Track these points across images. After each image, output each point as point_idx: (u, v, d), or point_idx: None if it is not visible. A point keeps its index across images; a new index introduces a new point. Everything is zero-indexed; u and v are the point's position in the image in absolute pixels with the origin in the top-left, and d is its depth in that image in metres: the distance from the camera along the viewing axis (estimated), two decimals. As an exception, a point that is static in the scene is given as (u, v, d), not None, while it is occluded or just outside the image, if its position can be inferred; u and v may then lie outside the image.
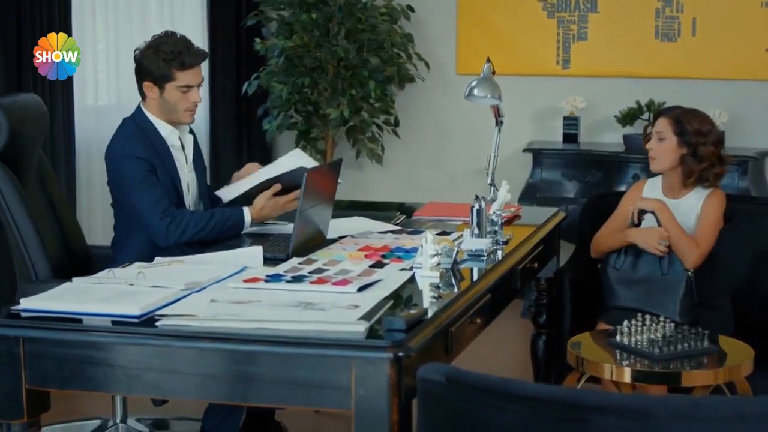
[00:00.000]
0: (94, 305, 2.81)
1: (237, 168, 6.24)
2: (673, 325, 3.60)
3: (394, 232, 3.82)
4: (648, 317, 3.60)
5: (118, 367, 2.70)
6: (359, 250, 3.50)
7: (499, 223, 3.66)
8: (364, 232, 3.79)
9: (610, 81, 6.37)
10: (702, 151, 3.95)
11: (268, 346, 2.60)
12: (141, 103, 3.85)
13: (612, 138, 6.31)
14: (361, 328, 2.63)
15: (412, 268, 3.24)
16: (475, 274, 3.34)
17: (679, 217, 3.97)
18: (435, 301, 2.99)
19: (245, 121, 6.60)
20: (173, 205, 3.70)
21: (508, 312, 3.68)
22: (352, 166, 6.60)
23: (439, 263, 3.18)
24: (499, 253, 3.56)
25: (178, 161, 3.86)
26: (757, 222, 4.38)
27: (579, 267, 4.32)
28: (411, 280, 3.15)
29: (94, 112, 5.63)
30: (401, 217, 4.12)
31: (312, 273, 3.16)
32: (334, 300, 2.85)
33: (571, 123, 6.27)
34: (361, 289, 2.96)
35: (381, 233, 3.80)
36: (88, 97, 5.61)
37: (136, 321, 2.72)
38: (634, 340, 3.52)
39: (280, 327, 2.65)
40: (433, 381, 2.18)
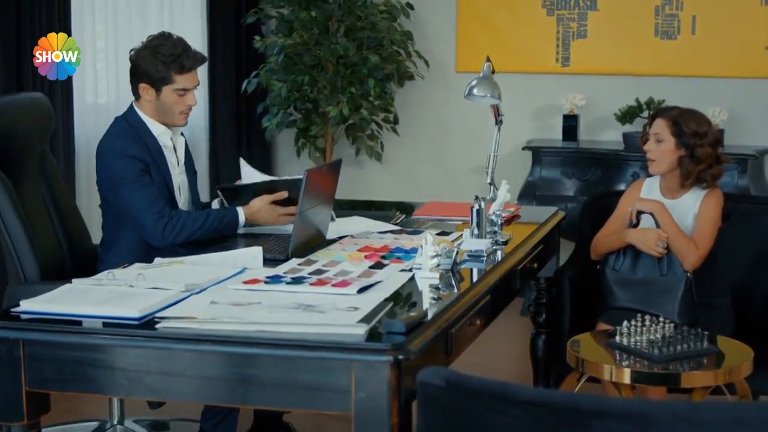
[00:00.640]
0: (93, 307, 2.81)
1: (236, 166, 6.24)
2: (672, 325, 3.60)
3: (393, 232, 3.82)
4: (648, 318, 3.60)
5: (119, 370, 2.71)
6: (359, 251, 3.50)
7: (499, 223, 3.66)
8: (364, 232, 3.79)
9: (609, 79, 6.36)
10: (699, 152, 3.95)
11: (268, 349, 2.61)
12: (134, 103, 3.83)
13: (611, 136, 6.31)
14: (360, 330, 2.63)
15: (411, 269, 3.24)
16: (475, 275, 3.35)
17: (677, 217, 3.97)
18: (435, 302, 2.99)
19: (245, 118, 6.60)
20: (168, 206, 3.69)
21: (508, 310, 3.68)
22: (352, 164, 6.60)
23: (438, 264, 3.18)
24: (499, 254, 3.56)
25: (170, 162, 3.84)
26: (756, 221, 4.39)
27: (579, 267, 4.32)
28: (411, 281, 3.15)
29: (94, 111, 5.62)
30: (401, 216, 4.12)
31: (312, 274, 3.16)
32: (334, 302, 2.85)
33: (570, 121, 6.27)
34: (361, 290, 2.96)
35: (381, 233, 3.80)
36: (87, 96, 5.60)
37: (136, 323, 2.72)
38: (633, 340, 3.52)
39: (280, 329, 2.65)
40: (433, 385, 2.17)
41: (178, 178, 3.87)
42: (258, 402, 2.78)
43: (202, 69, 3.97)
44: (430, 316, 2.81)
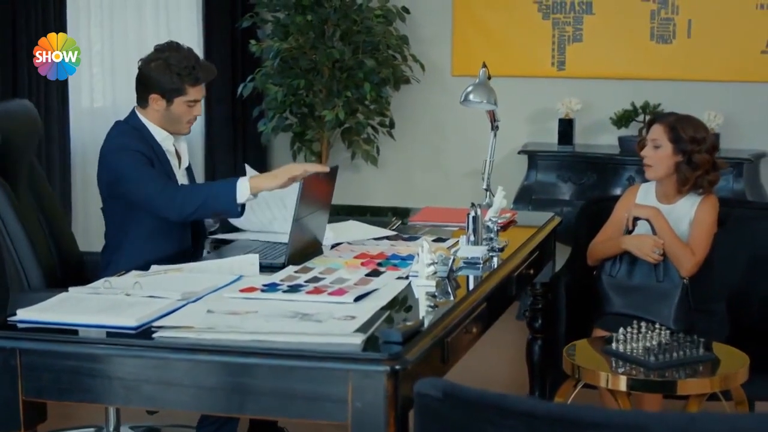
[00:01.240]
0: (90, 316, 2.81)
1: (232, 170, 6.24)
2: (668, 332, 3.60)
3: (389, 238, 3.82)
4: (644, 324, 3.61)
5: (116, 379, 2.70)
6: (355, 258, 3.49)
7: (495, 230, 3.66)
8: (360, 239, 3.78)
9: (605, 83, 6.37)
10: (697, 158, 3.95)
11: (264, 359, 2.60)
12: (137, 109, 3.83)
13: (607, 140, 6.31)
14: (357, 340, 2.63)
15: (408, 277, 3.23)
16: (471, 282, 3.34)
17: (673, 223, 3.97)
18: (431, 310, 2.99)
19: (240, 122, 6.60)
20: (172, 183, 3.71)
21: (503, 314, 3.68)
22: (348, 168, 6.60)
23: (435, 272, 3.18)
24: (495, 261, 3.56)
25: (173, 165, 3.87)
26: (752, 226, 4.39)
27: (575, 272, 4.32)
28: (407, 289, 3.14)
29: (90, 114, 5.62)
30: (397, 222, 4.12)
31: (308, 282, 3.15)
32: (331, 311, 2.85)
33: (566, 125, 6.27)
34: (357, 299, 2.96)
35: (377, 239, 3.80)
36: (83, 99, 5.60)
37: (133, 332, 2.72)
38: (629, 347, 3.52)
39: (276, 339, 2.65)
40: (430, 396, 2.17)
41: (181, 180, 3.90)
42: (255, 412, 2.78)
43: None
44: (426, 324, 2.80)
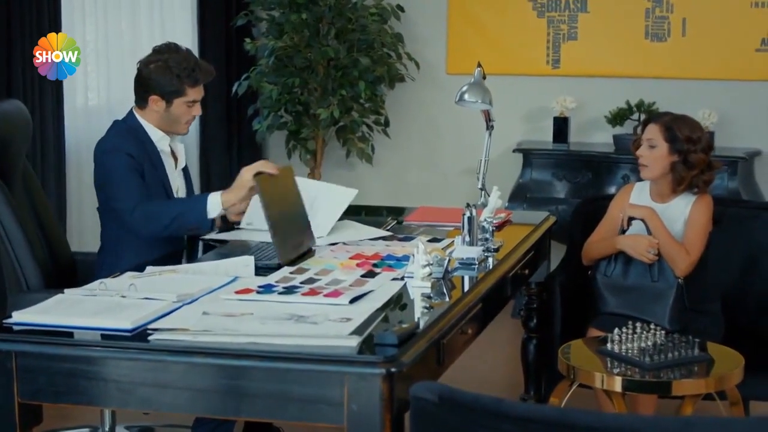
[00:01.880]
0: (86, 319, 2.80)
1: (227, 169, 6.22)
2: (663, 333, 3.61)
3: (385, 239, 3.82)
4: (639, 325, 3.61)
5: (111, 382, 2.70)
6: (350, 258, 3.49)
7: (491, 230, 3.66)
8: (355, 239, 3.78)
9: (600, 81, 6.37)
10: (693, 158, 3.96)
11: (260, 361, 2.61)
12: (135, 109, 3.85)
13: (602, 138, 6.31)
14: (353, 342, 2.63)
15: (403, 278, 3.24)
16: (467, 283, 3.35)
17: (667, 222, 3.98)
18: (426, 311, 2.99)
19: (235, 121, 6.59)
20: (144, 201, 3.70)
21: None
22: (343, 166, 6.61)
23: (430, 273, 3.18)
24: (491, 261, 3.56)
25: (168, 165, 3.88)
26: (747, 225, 4.39)
27: (569, 272, 4.32)
28: (402, 290, 3.15)
29: (84, 113, 5.61)
30: (392, 222, 4.12)
31: (304, 283, 3.15)
32: (326, 312, 2.85)
33: (560, 123, 6.27)
34: (353, 300, 2.96)
35: (372, 240, 3.79)
36: (78, 98, 5.59)
37: (129, 335, 2.72)
38: (624, 348, 3.53)
39: (272, 341, 2.65)
40: (425, 399, 2.18)
41: (177, 181, 3.91)
42: (250, 414, 2.78)
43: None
44: (422, 326, 2.81)
